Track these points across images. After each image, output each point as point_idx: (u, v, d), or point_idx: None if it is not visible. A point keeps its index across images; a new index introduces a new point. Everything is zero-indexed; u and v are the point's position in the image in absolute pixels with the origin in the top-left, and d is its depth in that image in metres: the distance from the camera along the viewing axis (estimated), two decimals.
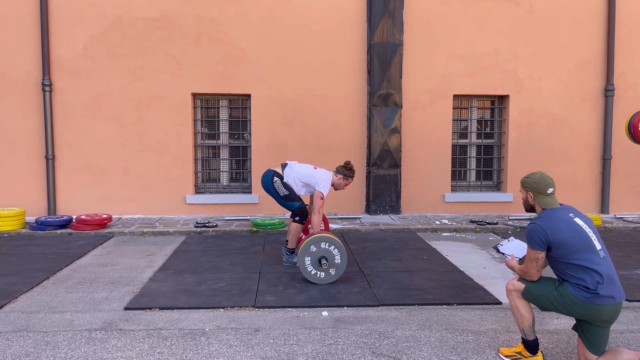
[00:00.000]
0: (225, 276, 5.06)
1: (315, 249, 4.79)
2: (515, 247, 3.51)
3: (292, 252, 5.43)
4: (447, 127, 8.28)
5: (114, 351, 3.40)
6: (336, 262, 4.81)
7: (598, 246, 2.98)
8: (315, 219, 5.22)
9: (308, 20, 7.97)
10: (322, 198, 5.25)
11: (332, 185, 5.49)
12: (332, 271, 4.82)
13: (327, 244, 4.80)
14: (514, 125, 8.36)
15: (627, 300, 4.36)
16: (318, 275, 4.81)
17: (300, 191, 5.41)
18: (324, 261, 4.75)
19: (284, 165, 5.49)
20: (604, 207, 8.44)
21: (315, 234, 4.89)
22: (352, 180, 5.55)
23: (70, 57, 7.73)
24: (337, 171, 5.50)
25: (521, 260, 3.36)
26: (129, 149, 7.91)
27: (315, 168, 5.46)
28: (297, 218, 5.34)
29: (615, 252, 5.99)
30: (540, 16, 8.23)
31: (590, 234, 2.98)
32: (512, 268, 3.30)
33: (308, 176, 5.36)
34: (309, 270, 4.80)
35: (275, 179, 5.36)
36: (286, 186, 5.35)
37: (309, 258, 4.79)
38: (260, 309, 4.20)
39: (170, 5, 7.79)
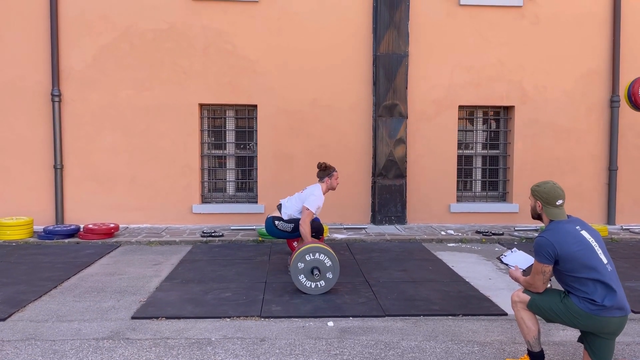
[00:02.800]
0: (231, 286, 5.08)
1: (309, 258, 4.81)
2: (519, 258, 3.52)
3: None
4: (452, 138, 8.30)
5: None
6: (328, 274, 4.83)
7: (604, 260, 2.97)
8: (303, 230, 5.30)
9: (314, 31, 8.04)
10: (307, 210, 5.34)
11: (327, 190, 5.59)
12: (322, 283, 4.84)
13: (319, 254, 4.82)
14: (519, 135, 8.37)
15: (633, 312, 4.34)
16: (311, 286, 4.82)
17: None
18: (316, 271, 4.77)
19: (279, 207, 5.64)
20: (610, 218, 8.42)
21: (307, 245, 4.91)
22: (336, 172, 5.61)
23: (80, 68, 7.82)
24: (320, 178, 5.58)
25: (525, 272, 3.36)
26: (137, 158, 7.97)
27: (302, 191, 5.58)
28: (313, 234, 5.49)
29: (621, 264, 5.97)
30: (546, 27, 8.27)
31: (596, 248, 2.98)
32: (516, 279, 3.30)
33: (297, 202, 5.49)
34: (302, 281, 4.83)
35: (277, 222, 5.54)
36: (289, 222, 5.51)
37: (302, 266, 4.82)
38: (266, 318, 4.22)
39: (179, 17, 7.89)
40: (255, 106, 8.17)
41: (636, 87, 6.36)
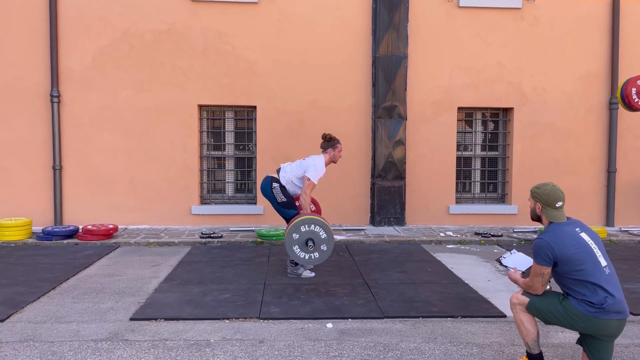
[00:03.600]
0: (230, 287, 5.08)
1: (304, 229, 4.84)
2: (518, 260, 3.52)
3: (296, 263, 5.44)
4: (451, 139, 8.31)
5: None
6: (322, 247, 4.84)
7: (603, 262, 2.98)
8: (303, 200, 5.24)
9: (314, 33, 8.04)
10: (309, 180, 5.26)
11: (329, 162, 5.55)
12: (316, 255, 4.86)
13: (314, 225, 4.83)
14: (518, 137, 8.38)
15: (632, 314, 4.35)
16: (304, 257, 4.84)
17: (298, 191, 5.43)
18: (310, 243, 4.79)
19: (278, 170, 5.54)
20: (609, 220, 8.43)
21: (303, 216, 4.93)
22: (340, 144, 5.58)
23: (79, 69, 7.82)
24: (324, 149, 5.55)
25: (524, 274, 3.36)
26: (136, 159, 7.97)
27: (304, 158, 5.49)
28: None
29: (620, 265, 5.97)
30: (545, 29, 8.28)
31: (595, 250, 2.99)
32: (515, 281, 3.30)
33: (299, 168, 5.39)
34: (296, 252, 4.86)
35: (274, 184, 5.39)
36: (284, 193, 5.39)
37: (296, 237, 4.84)
38: (265, 320, 4.22)
39: (178, 18, 7.89)
40: (255, 107, 8.17)
41: (629, 88, 6.38)
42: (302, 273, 5.40)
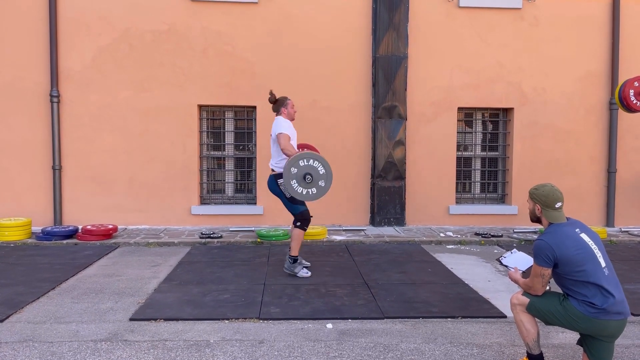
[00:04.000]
0: (230, 287, 5.07)
1: (302, 164, 4.86)
2: (518, 259, 3.51)
3: (295, 260, 5.42)
4: (451, 140, 8.31)
5: None
6: (320, 182, 4.85)
7: (604, 263, 2.97)
8: (287, 153, 5.13)
9: (314, 33, 8.04)
10: (278, 133, 5.20)
11: (291, 120, 5.48)
12: (314, 190, 4.88)
13: (312, 160, 4.84)
14: (518, 137, 8.37)
15: (633, 314, 4.34)
16: (302, 192, 4.86)
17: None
18: (308, 177, 4.78)
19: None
20: (609, 220, 8.42)
21: (302, 152, 4.95)
22: (290, 100, 5.54)
23: (78, 69, 7.82)
24: (277, 112, 5.49)
25: (524, 273, 3.36)
26: (135, 159, 7.96)
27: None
28: (298, 223, 5.31)
29: (620, 266, 5.97)
30: (545, 29, 8.27)
31: (595, 251, 2.98)
32: (515, 281, 3.30)
33: (273, 144, 5.34)
34: (294, 186, 4.88)
35: (279, 180, 5.32)
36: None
37: (295, 171, 4.86)
38: (264, 320, 4.21)
39: (178, 18, 7.88)
40: (255, 107, 8.17)
41: (626, 90, 6.38)
42: (298, 272, 5.38)
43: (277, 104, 5.51)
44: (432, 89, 8.22)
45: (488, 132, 8.73)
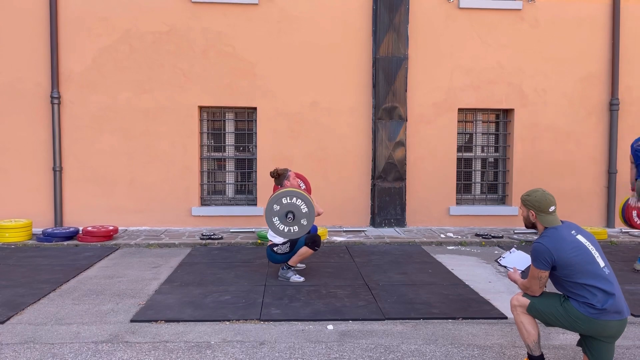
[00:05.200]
0: (230, 289, 5.07)
1: (285, 202, 4.89)
2: (517, 259, 3.51)
3: (289, 267, 5.39)
4: (452, 141, 8.31)
5: None
6: (302, 221, 4.86)
7: (602, 263, 2.99)
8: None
9: (314, 34, 8.04)
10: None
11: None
12: (295, 228, 4.91)
13: (295, 198, 4.87)
14: (519, 138, 8.38)
15: (633, 315, 4.34)
16: (283, 230, 4.91)
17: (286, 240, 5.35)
18: (290, 215, 4.80)
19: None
20: (609, 221, 8.42)
21: (285, 189, 4.99)
22: (291, 172, 5.49)
23: (79, 70, 7.82)
24: (281, 185, 5.45)
25: (524, 273, 3.36)
26: (136, 160, 7.96)
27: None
28: (309, 243, 5.29)
29: (621, 267, 5.97)
30: (545, 30, 8.28)
31: (593, 252, 2.99)
32: (514, 281, 3.32)
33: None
34: (276, 224, 4.91)
35: (275, 248, 5.35)
36: (284, 243, 5.32)
37: (277, 208, 4.88)
38: (265, 322, 4.21)
39: (178, 19, 7.89)
40: (255, 109, 8.17)
41: (629, 211, 6.39)
42: (290, 277, 5.35)
43: (280, 178, 5.50)
44: (432, 90, 8.23)
45: (488, 133, 8.73)
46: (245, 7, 7.95)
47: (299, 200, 4.83)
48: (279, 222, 4.83)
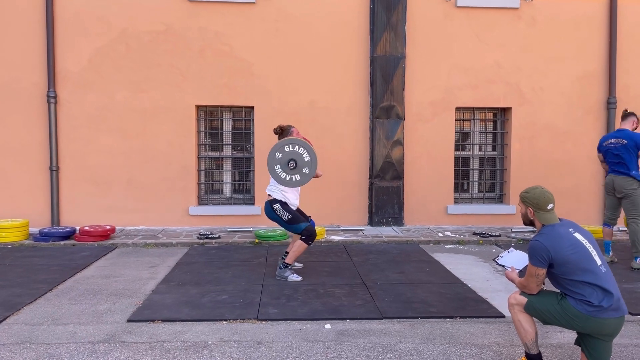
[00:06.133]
0: (228, 288, 5.06)
1: (288, 150, 4.86)
2: (515, 258, 3.51)
3: (286, 266, 5.37)
4: (449, 139, 8.30)
5: None
6: (304, 169, 4.83)
7: (599, 261, 2.99)
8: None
9: (312, 33, 8.03)
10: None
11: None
12: (297, 177, 4.88)
13: (298, 146, 4.84)
14: (516, 137, 8.38)
15: (631, 314, 4.34)
16: (285, 178, 4.87)
17: (289, 195, 5.26)
18: (292, 163, 4.78)
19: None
20: None
21: (288, 138, 4.99)
22: (294, 128, 5.47)
23: (76, 70, 7.80)
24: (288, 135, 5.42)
25: (521, 272, 3.36)
26: (133, 160, 7.94)
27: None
28: (303, 238, 5.23)
29: (618, 265, 5.98)
30: (543, 29, 8.28)
31: (590, 249, 3.00)
32: (512, 280, 3.31)
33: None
34: (277, 172, 4.88)
35: (275, 205, 5.24)
36: (287, 209, 5.23)
37: (279, 156, 4.86)
38: (263, 321, 4.20)
39: (175, 19, 7.87)
40: (252, 108, 8.16)
41: None
42: (288, 276, 5.33)
43: (284, 133, 5.46)
44: (430, 88, 8.22)
45: (486, 132, 8.73)
46: (243, 6, 7.93)
47: (301, 148, 4.79)
48: (280, 170, 4.78)
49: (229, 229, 7.87)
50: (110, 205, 7.92)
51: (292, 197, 5.30)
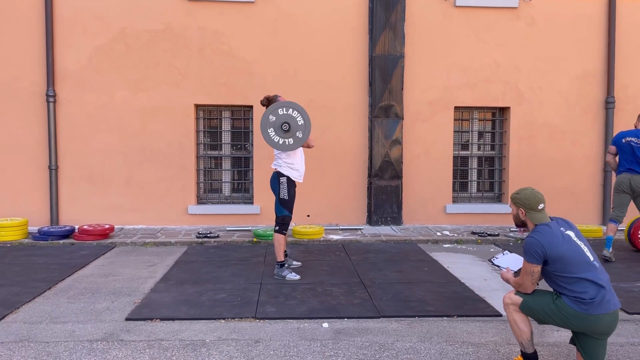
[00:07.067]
0: (226, 287, 5.07)
1: (281, 112, 4.83)
2: (510, 260, 3.53)
3: (282, 265, 5.40)
4: (448, 139, 8.32)
5: None
6: (298, 133, 4.81)
7: (591, 258, 3.03)
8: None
9: (311, 32, 8.04)
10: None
11: None
12: (290, 141, 4.84)
13: (292, 110, 4.82)
14: (515, 137, 8.39)
15: (627, 312, 4.35)
16: (278, 141, 4.83)
17: (295, 165, 5.28)
18: (285, 126, 4.76)
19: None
20: (605, 219, 8.43)
21: (275, 104, 4.96)
22: (281, 97, 5.42)
23: (75, 69, 7.80)
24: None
25: (516, 273, 3.38)
26: (132, 159, 7.95)
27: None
28: (277, 227, 5.31)
29: (616, 264, 5.99)
30: (541, 29, 8.29)
31: (582, 246, 3.05)
32: (507, 280, 3.33)
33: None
34: (271, 135, 4.84)
35: (282, 178, 5.27)
36: (290, 191, 5.28)
37: (273, 119, 4.83)
38: (260, 320, 4.21)
39: (174, 18, 7.87)
40: (251, 107, 8.17)
41: (635, 233, 6.74)
42: (286, 275, 5.35)
43: (270, 102, 5.46)
44: (428, 88, 8.23)
45: (485, 132, 8.74)
46: (242, 6, 7.94)
47: (295, 111, 4.77)
48: (274, 133, 4.75)
49: (227, 228, 7.89)
50: (110, 204, 7.93)
51: (296, 174, 5.32)
